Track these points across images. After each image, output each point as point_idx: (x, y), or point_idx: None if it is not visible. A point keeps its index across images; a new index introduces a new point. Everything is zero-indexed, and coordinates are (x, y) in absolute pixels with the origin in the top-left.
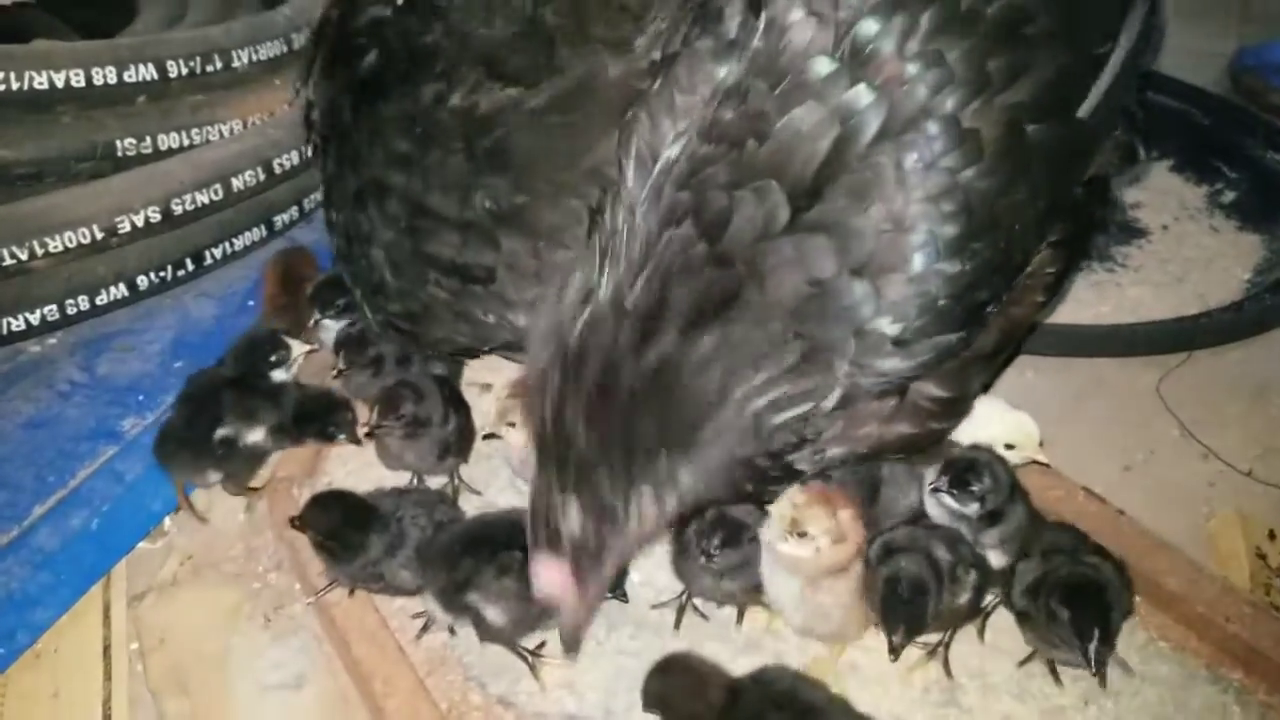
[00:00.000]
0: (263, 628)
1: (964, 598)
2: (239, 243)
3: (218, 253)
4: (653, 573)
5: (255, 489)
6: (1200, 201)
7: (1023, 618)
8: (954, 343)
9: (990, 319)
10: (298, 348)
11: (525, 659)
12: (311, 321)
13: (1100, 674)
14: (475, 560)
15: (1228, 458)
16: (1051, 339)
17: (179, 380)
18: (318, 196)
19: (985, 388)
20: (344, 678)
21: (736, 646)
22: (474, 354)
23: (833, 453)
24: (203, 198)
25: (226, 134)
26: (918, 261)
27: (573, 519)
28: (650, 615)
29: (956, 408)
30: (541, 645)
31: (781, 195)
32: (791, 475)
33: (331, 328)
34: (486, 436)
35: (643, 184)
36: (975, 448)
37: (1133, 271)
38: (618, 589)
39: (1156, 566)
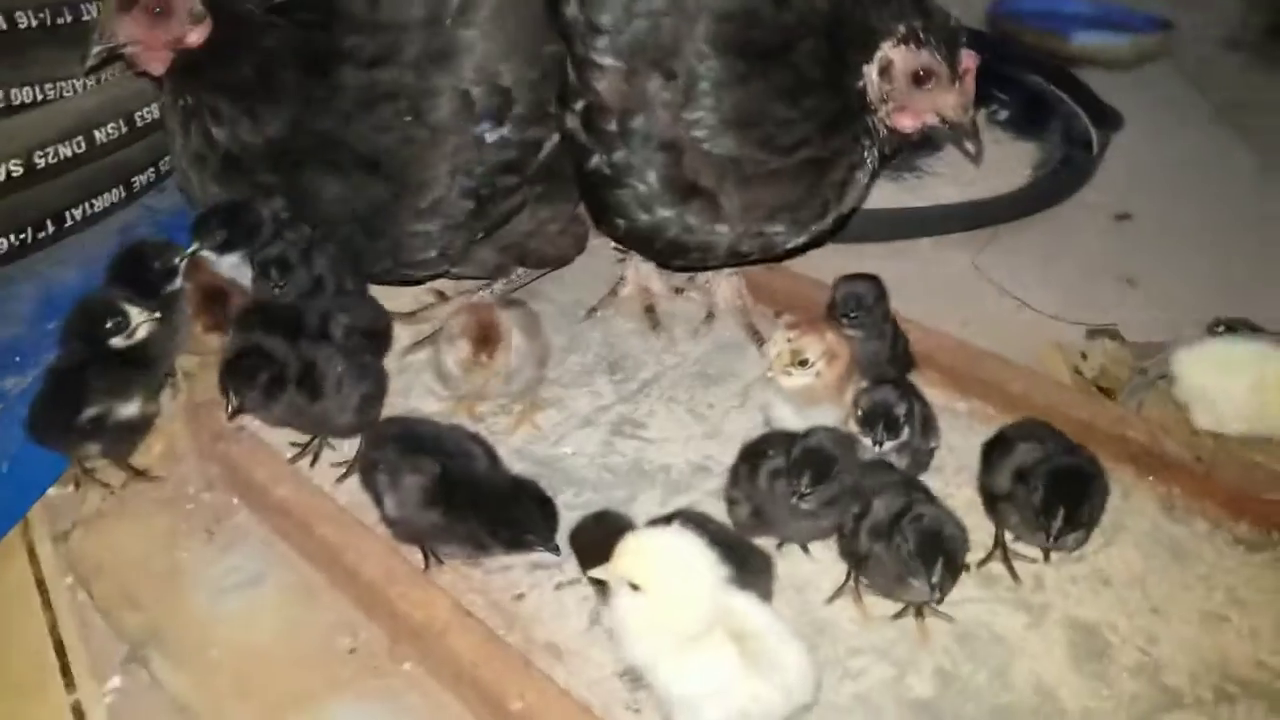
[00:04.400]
0: (206, 542)
1: None
2: (99, 204)
3: (78, 214)
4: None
5: (141, 472)
6: (980, 121)
7: None
8: None
9: None
10: (136, 314)
11: None
12: (185, 255)
13: None
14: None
15: (1038, 307)
16: (884, 225)
17: (53, 339)
18: None
19: None
20: (304, 568)
21: None
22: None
23: None
24: (65, 150)
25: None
26: None
27: None
28: None
29: None
30: None
31: None
32: None
33: (220, 261)
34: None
35: None
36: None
37: (936, 176)
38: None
39: (1003, 376)
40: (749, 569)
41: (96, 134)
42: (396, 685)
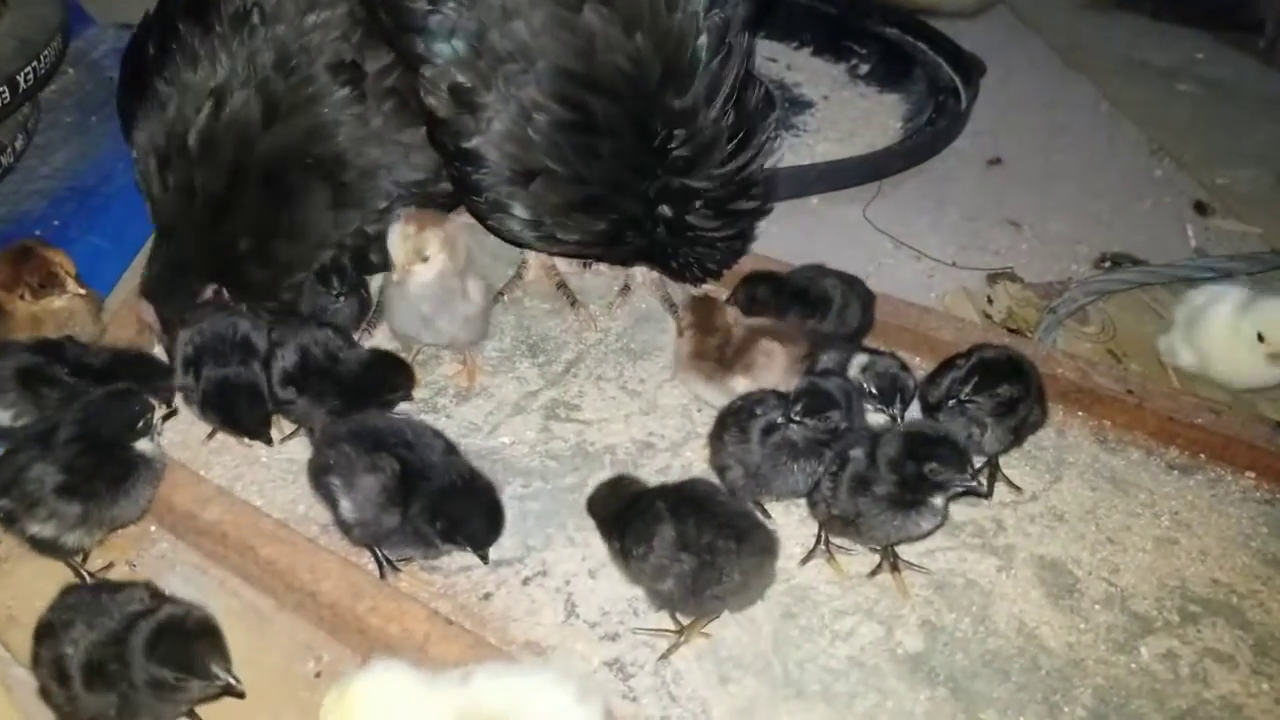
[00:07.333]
0: (129, 577)
1: None
2: None
3: None
4: None
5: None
6: (843, 76)
7: None
8: None
9: None
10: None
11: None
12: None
13: None
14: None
15: (935, 256)
16: (782, 183)
17: None
18: (2, 160)
19: None
20: (247, 593)
21: None
22: None
23: None
24: None
25: None
26: None
27: None
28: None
29: None
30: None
31: None
32: None
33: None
34: None
35: None
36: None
37: (814, 134)
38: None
39: (930, 325)
40: (752, 543)
41: None
42: None
